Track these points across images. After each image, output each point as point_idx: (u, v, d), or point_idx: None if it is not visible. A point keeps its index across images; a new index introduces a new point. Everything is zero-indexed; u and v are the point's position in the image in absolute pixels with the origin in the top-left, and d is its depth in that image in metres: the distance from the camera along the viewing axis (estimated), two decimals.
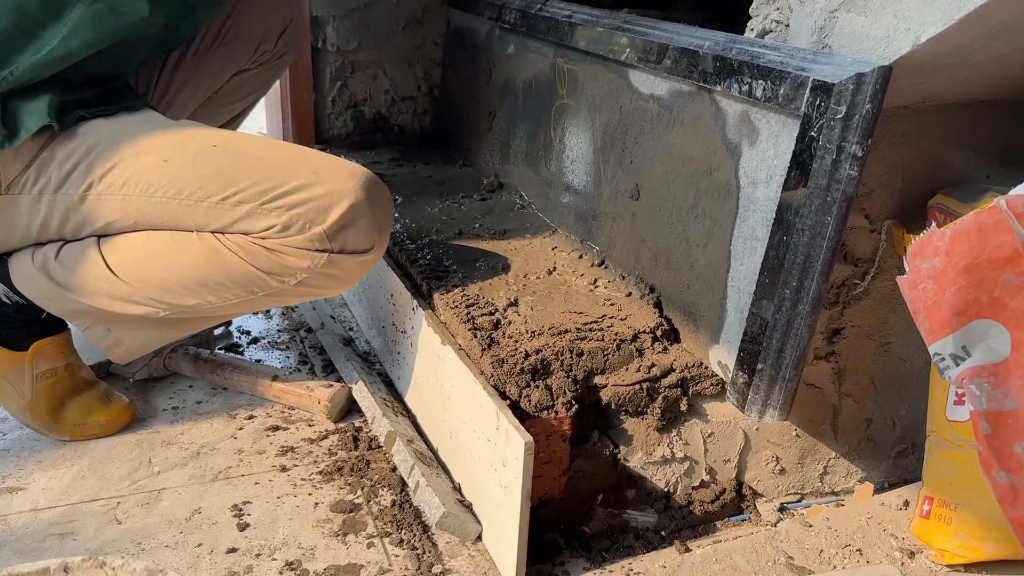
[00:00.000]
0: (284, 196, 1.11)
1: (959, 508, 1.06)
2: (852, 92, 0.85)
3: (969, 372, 0.85)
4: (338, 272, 1.15)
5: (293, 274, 1.14)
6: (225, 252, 1.13)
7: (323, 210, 1.11)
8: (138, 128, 1.17)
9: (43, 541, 1.07)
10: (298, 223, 1.11)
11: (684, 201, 1.14)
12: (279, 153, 1.18)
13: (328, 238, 1.11)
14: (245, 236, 1.13)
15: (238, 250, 1.13)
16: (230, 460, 1.26)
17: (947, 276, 0.83)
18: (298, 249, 1.12)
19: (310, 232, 1.11)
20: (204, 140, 1.17)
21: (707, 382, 1.13)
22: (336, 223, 1.11)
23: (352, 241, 1.13)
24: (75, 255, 1.17)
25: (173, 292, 1.16)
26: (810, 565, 1.08)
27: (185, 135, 1.17)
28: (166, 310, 1.19)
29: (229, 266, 1.13)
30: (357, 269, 1.17)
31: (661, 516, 1.16)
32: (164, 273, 1.16)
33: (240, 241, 1.13)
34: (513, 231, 1.52)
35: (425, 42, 2.09)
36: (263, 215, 1.11)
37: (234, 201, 1.11)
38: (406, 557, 1.07)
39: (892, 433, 1.24)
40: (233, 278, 1.14)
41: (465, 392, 1.11)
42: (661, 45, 1.11)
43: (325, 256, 1.12)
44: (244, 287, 1.15)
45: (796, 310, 0.95)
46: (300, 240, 1.11)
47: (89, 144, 1.14)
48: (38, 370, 1.27)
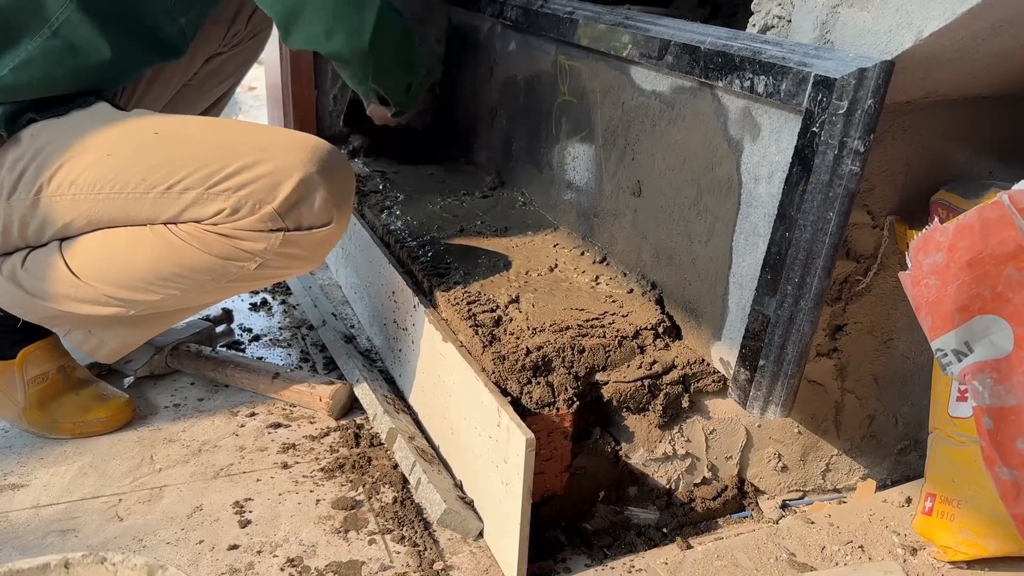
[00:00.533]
0: (230, 178, 1.08)
1: (962, 505, 1.06)
2: (854, 87, 0.85)
3: (972, 368, 0.84)
4: (298, 251, 1.13)
5: (251, 258, 1.12)
6: (178, 243, 1.10)
7: (271, 188, 1.08)
8: (84, 124, 1.14)
9: (45, 538, 1.07)
10: (247, 204, 1.08)
11: (686, 197, 1.14)
12: (224, 134, 1.14)
13: (280, 216, 1.09)
14: (197, 224, 1.10)
15: (191, 239, 1.10)
16: (232, 457, 1.26)
17: (950, 272, 0.83)
18: (251, 232, 1.09)
19: (260, 212, 1.08)
20: (147, 128, 1.13)
21: (709, 379, 1.13)
22: (287, 200, 1.08)
23: (307, 217, 1.11)
24: (39, 261, 1.16)
25: (136, 289, 1.14)
26: (812, 562, 1.08)
27: (129, 126, 1.14)
28: (133, 308, 1.17)
29: (185, 257, 1.11)
30: (318, 245, 1.15)
31: (663, 513, 1.16)
32: (123, 271, 1.14)
33: (191, 230, 1.10)
34: (515, 228, 1.51)
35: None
36: (210, 200, 1.08)
37: (179, 189, 1.09)
38: (407, 554, 1.07)
39: (894, 430, 1.24)
40: (191, 268, 1.12)
41: (466, 389, 1.11)
42: (663, 41, 1.11)
43: (280, 235, 1.10)
44: (204, 276, 1.13)
45: (798, 306, 0.95)
46: (251, 222, 1.09)
47: (37, 146, 1.12)
48: (28, 376, 1.27)
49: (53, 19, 1.11)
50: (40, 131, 1.13)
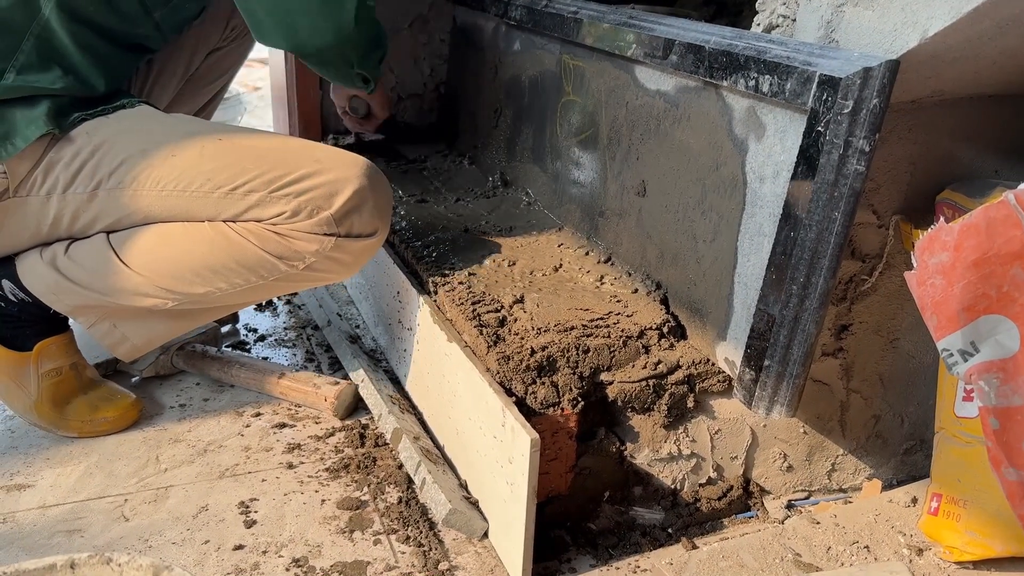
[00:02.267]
0: (292, 184, 1.15)
1: (968, 505, 1.05)
2: (859, 87, 0.84)
3: (978, 368, 0.84)
4: (344, 256, 1.20)
5: (302, 258, 1.18)
6: (236, 238, 1.17)
7: (330, 196, 1.16)
8: (140, 124, 1.21)
9: (51, 538, 1.08)
10: (307, 208, 1.15)
11: (691, 197, 1.14)
12: (282, 144, 1.22)
13: (336, 222, 1.16)
14: (257, 223, 1.17)
15: (250, 236, 1.17)
16: (237, 457, 1.26)
17: (955, 271, 0.83)
18: (307, 234, 1.16)
19: (318, 217, 1.16)
20: (209, 133, 1.20)
21: (714, 379, 1.12)
22: (343, 208, 1.16)
23: (358, 225, 1.18)
24: (85, 250, 1.21)
25: (184, 280, 1.19)
26: (818, 562, 1.08)
27: (192, 128, 1.22)
28: (175, 300, 1.21)
29: (240, 251, 1.17)
30: (361, 253, 1.22)
31: (668, 513, 1.16)
32: (175, 262, 1.19)
33: (252, 228, 1.17)
34: (519, 228, 1.51)
35: (431, 39, 2.09)
36: (273, 202, 1.16)
37: (244, 190, 1.16)
38: (412, 554, 1.07)
39: (900, 430, 1.24)
40: (244, 263, 1.18)
41: (471, 389, 1.11)
42: (667, 41, 1.10)
43: (333, 240, 1.17)
44: (254, 272, 1.19)
45: (803, 306, 0.95)
46: (309, 225, 1.16)
47: (95, 143, 1.17)
48: (43, 369, 1.28)
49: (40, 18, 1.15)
50: (95, 129, 1.18)
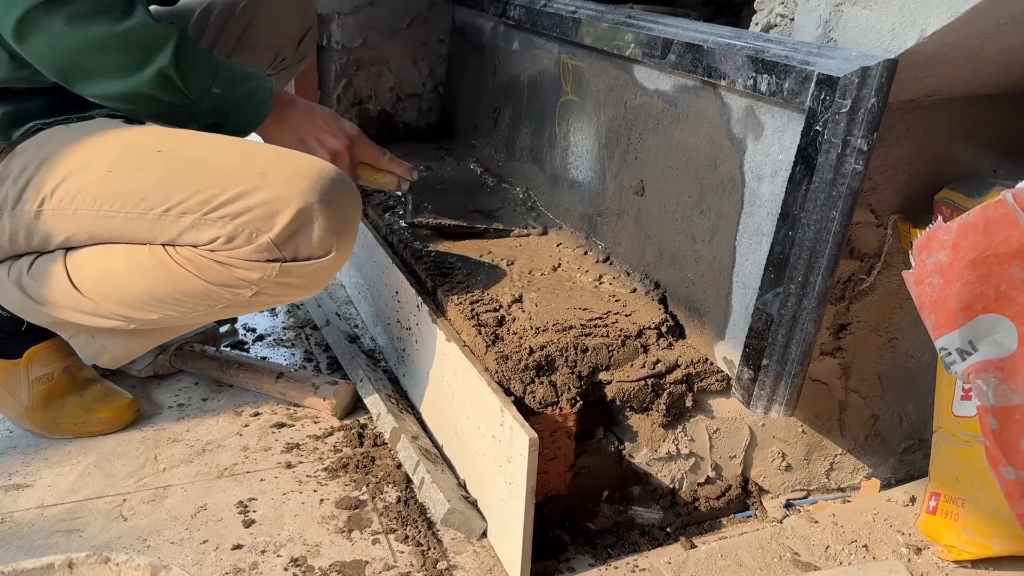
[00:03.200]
0: (227, 204, 1.04)
1: (966, 504, 1.05)
2: (857, 86, 0.84)
3: (976, 367, 0.84)
4: (296, 280, 1.10)
5: (247, 286, 1.09)
6: (175, 267, 1.08)
7: (269, 217, 1.04)
8: (88, 135, 1.11)
9: (49, 538, 1.08)
10: (243, 233, 1.05)
11: (689, 197, 1.14)
12: (226, 155, 1.09)
13: (277, 247, 1.05)
14: (194, 248, 1.08)
15: (188, 264, 1.08)
16: (235, 457, 1.26)
17: (953, 270, 0.83)
18: (247, 261, 1.06)
19: (257, 242, 1.05)
20: (150, 146, 1.09)
21: (712, 378, 1.12)
22: (284, 230, 1.04)
23: (305, 247, 1.07)
24: (43, 269, 1.14)
25: (133, 307, 1.13)
26: (816, 561, 1.08)
27: (131, 140, 1.11)
28: (133, 323, 1.16)
29: (181, 281, 1.09)
30: (317, 275, 1.11)
31: (666, 512, 1.16)
32: (122, 290, 1.12)
33: (188, 255, 1.08)
34: (518, 227, 1.51)
35: (430, 39, 2.09)
36: (207, 226, 1.05)
37: (177, 212, 1.06)
38: (411, 553, 1.07)
39: (899, 429, 1.24)
40: (187, 292, 1.10)
41: (470, 389, 1.11)
42: (666, 40, 1.11)
43: (277, 266, 1.07)
44: (202, 300, 1.11)
45: (802, 305, 0.95)
46: (247, 252, 1.06)
47: (42, 157, 1.10)
48: (33, 376, 1.27)
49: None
50: (47, 140, 1.11)
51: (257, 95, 1.16)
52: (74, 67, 1.05)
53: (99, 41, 1.02)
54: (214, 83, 1.11)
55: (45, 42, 1.02)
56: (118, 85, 1.06)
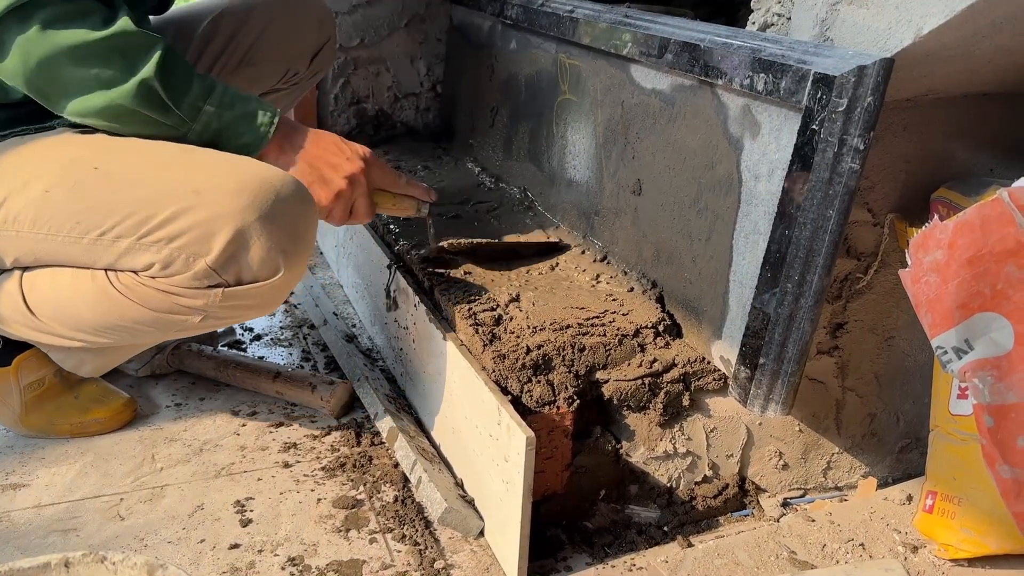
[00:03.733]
0: (161, 227, 0.97)
1: (962, 502, 1.06)
2: (854, 85, 0.84)
3: (972, 365, 0.84)
4: (246, 302, 1.03)
5: (192, 313, 1.03)
6: (116, 296, 1.02)
7: (205, 240, 0.96)
8: (33, 152, 1.04)
9: (46, 537, 1.08)
10: (180, 258, 0.98)
11: (686, 196, 1.14)
12: (163, 170, 1.01)
13: (216, 272, 0.98)
14: (134, 275, 1.01)
15: (128, 292, 1.02)
16: (233, 456, 1.26)
17: (950, 269, 0.83)
18: (187, 288, 1.00)
19: (195, 268, 0.98)
20: (88, 161, 1.02)
21: (709, 377, 1.12)
22: (222, 254, 0.97)
23: (249, 270, 1.00)
24: (3, 288, 1.10)
25: (87, 332, 1.08)
26: (813, 560, 1.08)
27: (71, 156, 1.03)
28: (90, 345, 1.12)
29: (124, 310, 1.03)
30: (268, 296, 1.04)
31: (664, 511, 1.16)
32: (70, 315, 1.07)
33: (129, 282, 1.02)
34: (515, 226, 1.51)
35: (428, 38, 2.09)
36: (142, 251, 0.99)
37: (112, 236, 0.99)
38: (408, 553, 1.07)
39: (896, 428, 1.24)
40: (133, 320, 1.04)
41: (467, 388, 1.11)
42: (663, 39, 1.11)
43: (220, 292, 1.00)
44: (149, 327, 1.05)
45: (798, 304, 0.95)
46: (186, 279, 0.99)
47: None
48: (25, 382, 1.25)
49: None
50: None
51: (256, 118, 1.06)
52: (50, 79, 0.97)
53: (76, 49, 0.94)
54: (206, 101, 1.03)
55: (18, 53, 0.94)
56: (97, 99, 0.98)
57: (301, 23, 1.45)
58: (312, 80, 1.55)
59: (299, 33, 1.45)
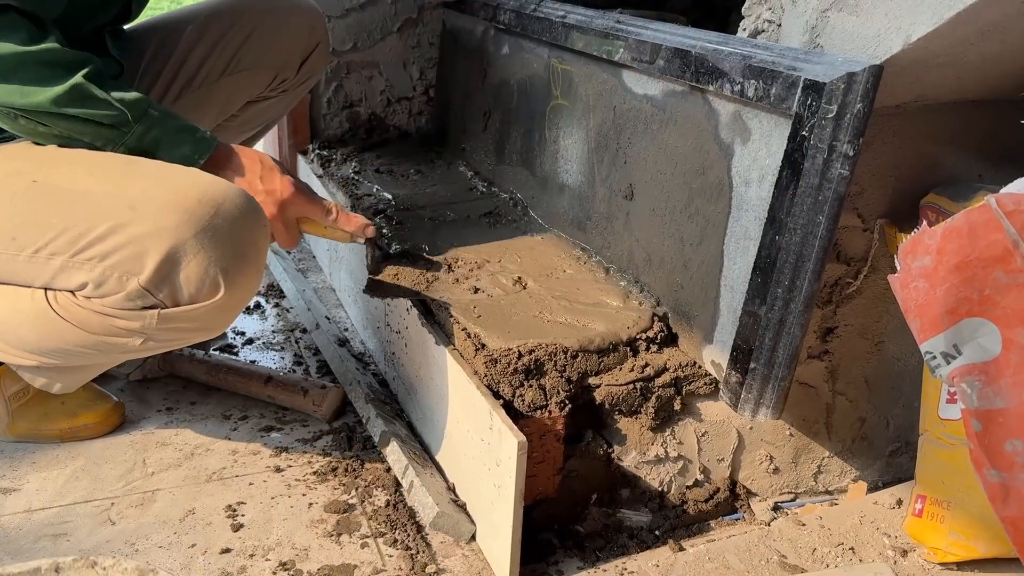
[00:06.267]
0: (94, 244, 0.93)
1: (952, 506, 1.06)
2: (843, 91, 0.85)
3: (960, 370, 0.85)
4: (187, 324, 0.98)
5: (130, 335, 0.98)
6: (54, 317, 0.98)
7: (137, 257, 0.92)
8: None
9: (36, 542, 1.07)
10: (112, 277, 0.93)
11: (677, 201, 1.14)
12: (100, 183, 0.96)
13: (150, 292, 0.94)
14: (70, 295, 0.97)
15: (66, 314, 0.98)
16: (224, 461, 1.26)
17: (938, 274, 0.83)
18: (121, 310, 0.95)
19: (127, 288, 0.93)
20: (26, 173, 0.98)
21: (700, 381, 1.13)
22: (155, 273, 0.92)
23: (187, 290, 0.94)
24: None
25: (36, 353, 1.04)
26: (803, 564, 1.08)
27: (12, 169, 0.99)
28: (43, 364, 1.07)
29: (62, 332, 0.99)
30: (211, 318, 0.98)
31: (655, 515, 1.16)
32: (13, 335, 1.03)
33: (65, 303, 0.98)
34: (507, 231, 1.52)
35: (421, 43, 2.09)
36: (75, 269, 0.95)
37: (46, 253, 0.95)
38: (400, 557, 1.07)
39: (886, 432, 1.25)
40: (73, 343, 1.00)
41: (459, 392, 1.11)
42: (654, 45, 1.11)
43: (156, 313, 0.95)
44: (91, 350, 1.01)
45: (788, 309, 0.96)
46: (119, 299, 0.94)
47: None
48: (9, 392, 1.24)
49: None
50: None
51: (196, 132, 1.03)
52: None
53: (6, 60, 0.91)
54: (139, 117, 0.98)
55: None
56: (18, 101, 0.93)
57: (290, 27, 1.41)
58: (302, 87, 1.51)
59: (287, 37, 1.41)
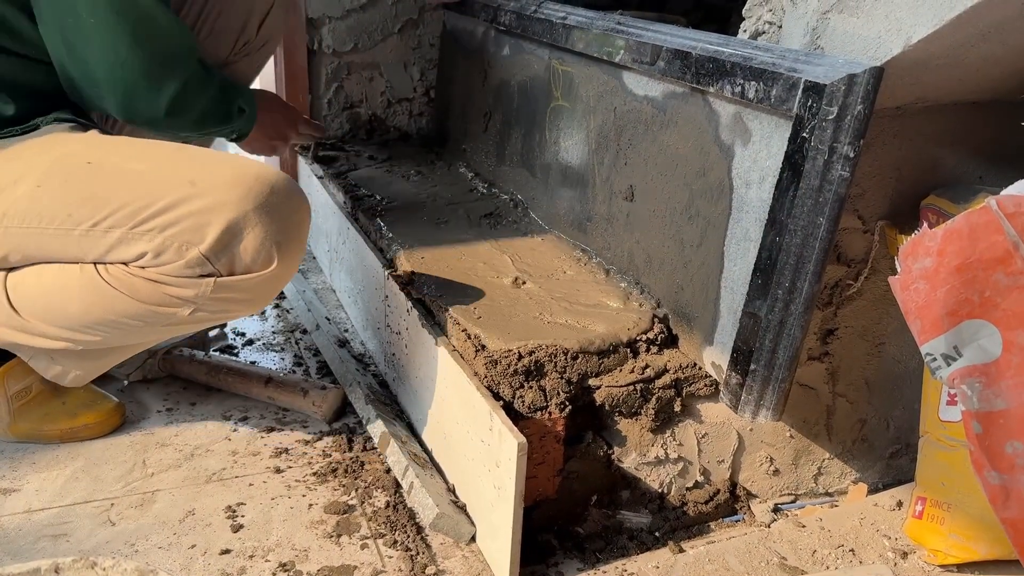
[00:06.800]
0: (156, 216, 0.99)
1: (952, 508, 1.06)
2: (844, 93, 0.85)
3: (960, 372, 0.85)
4: (237, 295, 1.04)
5: (181, 304, 1.03)
6: (105, 288, 1.03)
7: (199, 228, 0.98)
8: (23, 149, 1.06)
9: (36, 543, 1.07)
10: (173, 246, 0.99)
11: (678, 202, 1.14)
12: (158, 163, 1.04)
13: (209, 260, 0.99)
14: (123, 266, 1.02)
15: (117, 283, 1.02)
16: (224, 461, 1.26)
17: (938, 276, 0.83)
18: (178, 277, 1.01)
19: (187, 256, 0.99)
20: (80, 156, 1.05)
21: (701, 383, 1.13)
22: (217, 243, 0.99)
23: (243, 260, 1.01)
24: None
25: (74, 329, 1.08)
26: (803, 565, 1.08)
27: (63, 152, 1.06)
28: (79, 345, 1.11)
29: (113, 303, 1.03)
30: (260, 289, 1.05)
31: (655, 517, 1.16)
32: (58, 312, 1.07)
33: (118, 273, 1.02)
34: (507, 232, 1.52)
35: (421, 43, 2.10)
36: (134, 240, 1.00)
37: (104, 227, 1.01)
38: (400, 558, 1.07)
39: (886, 434, 1.25)
40: (121, 313, 1.04)
41: (459, 393, 1.11)
42: (655, 47, 1.11)
43: (211, 281, 1.01)
44: (137, 321, 1.05)
45: (789, 311, 0.96)
46: (178, 267, 1.00)
47: None
48: (11, 391, 1.24)
49: None
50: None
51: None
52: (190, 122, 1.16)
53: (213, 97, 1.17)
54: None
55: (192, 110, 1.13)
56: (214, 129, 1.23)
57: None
58: (264, 49, 1.50)
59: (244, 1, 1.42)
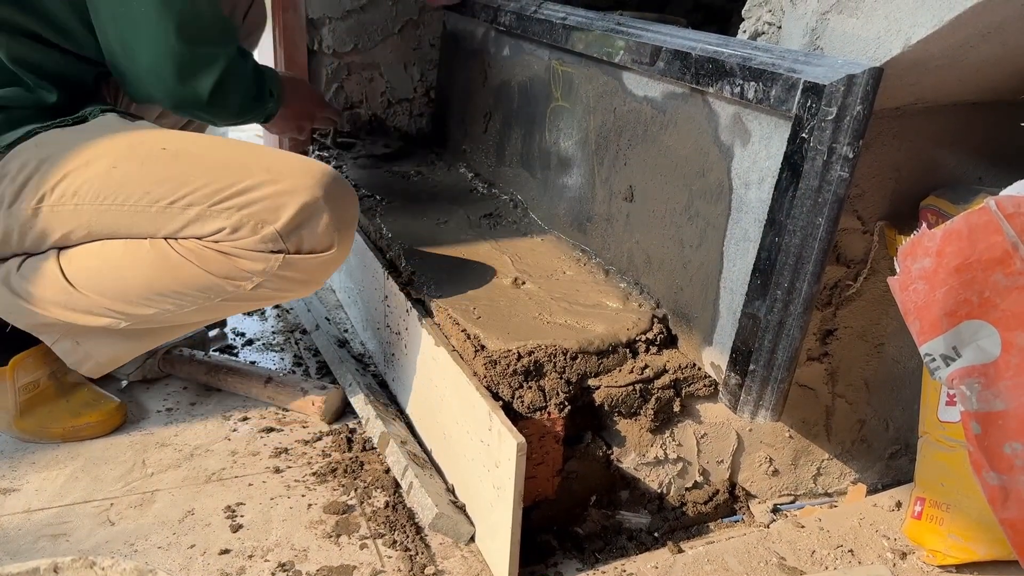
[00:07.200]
0: (235, 196, 1.08)
1: (951, 509, 1.06)
2: (843, 93, 0.85)
3: (959, 373, 0.85)
4: (297, 274, 1.13)
5: (248, 278, 1.11)
6: (176, 258, 1.10)
7: (275, 209, 1.08)
8: (90, 135, 1.14)
9: (36, 542, 1.07)
10: (249, 223, 1.08)
11: (677, 203, 1.15)
12: (232, 153, 1.14)
13: (282, 237, 1.09)
14: (197, 240, 1.10)
15: (189, 255, 1.10)
16: (224, 462, 1.26)
17: (938, 277, 0.83)
18: (251, 251, 1.09)
19: (263, 232, 1.08)
20: (155, 142, 1.13)
21: (700, 383, 1.13)
22: (290, 222, 1.09)
23: (309, 240, 1.11)
24: (35, 267, 1.15)
25: (129, 302, 1.14)
26: (802, 566, 1.08)
27: (136, 139, 1.14)
28: (125, 321, 1.16)
29: (181, 273, 1.11)
30: (318, 270, 1.15)
31: (654, 517, 1.16)
32: (119, 283, 1.13)
33: (191, 246, 1.10)
34: (507, 232, 1.52)
35: (421, 44, 2.10)
36: (212, 217, 1.09)
37: (183, 204, 1.09)
38: (399, 558, 1.07)
39: (885, 434, 1.25)
40: (187, 284, 1.12)
41: (458, 393, 1.11)
42: (654, 47, 1.11)
43: (280, 257, 1.10)
44: (200, 293, 1.13)
45: (788, 311, 0.96)
46: (252, 242, 1.09)
47: (42, 156, 1.11)
48: (20, 383, 1.26)
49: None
50: (46, 141, 1.13)
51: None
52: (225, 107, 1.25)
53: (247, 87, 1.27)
54: None
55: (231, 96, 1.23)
56: None
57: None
58: (250, 40, 1.55)
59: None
